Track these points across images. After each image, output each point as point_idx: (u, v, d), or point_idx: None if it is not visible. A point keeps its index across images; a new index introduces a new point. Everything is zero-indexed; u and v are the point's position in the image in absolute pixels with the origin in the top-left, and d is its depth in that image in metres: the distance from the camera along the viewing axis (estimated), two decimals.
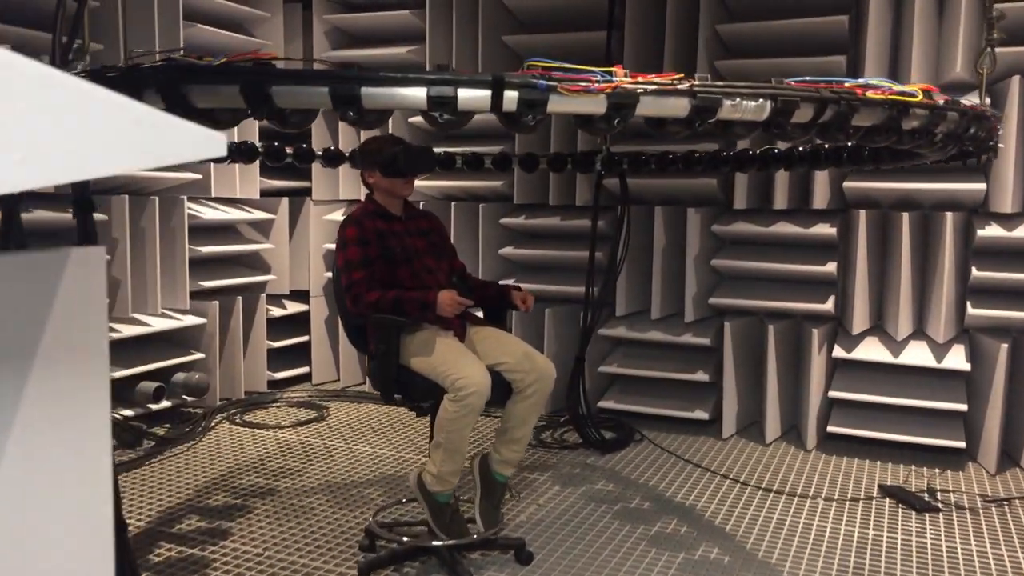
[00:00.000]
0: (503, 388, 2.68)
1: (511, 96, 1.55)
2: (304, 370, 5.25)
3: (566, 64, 1.57)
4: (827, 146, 2.97)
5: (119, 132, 0.71)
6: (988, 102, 3.17)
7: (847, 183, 3.93)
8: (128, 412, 4.05)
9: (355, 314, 2.76)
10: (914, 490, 3.49)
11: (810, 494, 3.47)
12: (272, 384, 5.03)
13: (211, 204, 4.69)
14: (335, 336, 5.19)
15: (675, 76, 1.57)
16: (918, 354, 3.85)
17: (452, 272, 3.02)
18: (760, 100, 1.54)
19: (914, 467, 3.80)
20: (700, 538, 3.02)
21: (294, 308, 5.23)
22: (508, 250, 4.67)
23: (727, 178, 4.26)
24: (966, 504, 3.39)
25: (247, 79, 1.60)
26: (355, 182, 5.04)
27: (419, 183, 4.34)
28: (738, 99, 1.52)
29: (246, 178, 4.82)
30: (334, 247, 3.01)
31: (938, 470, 3.76)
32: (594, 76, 1.51)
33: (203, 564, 2.74)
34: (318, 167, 4.92)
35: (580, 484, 3.56)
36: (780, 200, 4.10)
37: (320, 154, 4.06)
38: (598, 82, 1.47)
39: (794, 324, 4.25)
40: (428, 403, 2.71)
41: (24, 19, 3.52)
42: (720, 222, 4.24)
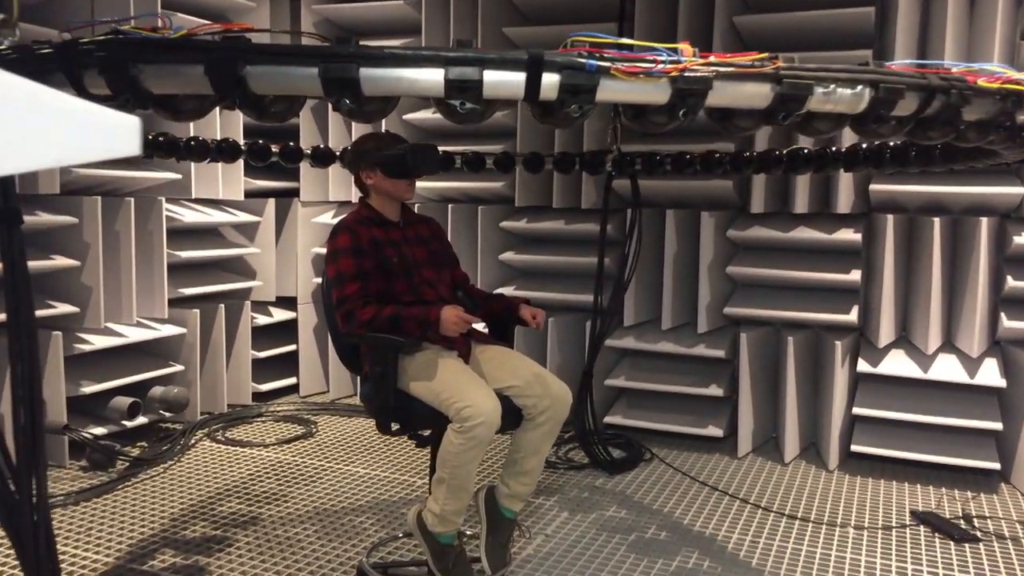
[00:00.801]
0: (513, 414, 2.41)
1: (551, 81, 1.22)
2: (291, 381, 4.97)
3: (621, 39, 1.26)
4: (864, 145, 2.69)
5: None
6: None
7: (873, 185, 3.68)
8: (100, 430, 3.75)
9: (347, 333, 2.47)
10: (948, 516, 3.25)
11: (838, 521, 3.22)
12: (257, 396, 4.75)
13: (191, 206, 4.40)
14: (324, 345, 4.91)
15: (755, 55, 1.26)
16: (948, 368, 3.62)
17: (454, 284, 2.74)
18: (859, 87, 1.25)
19: (944, 490, 3.56)
20: (724, 574, 2.76)
21: (281, 316, 4.94)
22: (509, 255, 4.41)
23: (743, 180, 4.00)
24: (1006, 532, 3.14)
25: (214, 57, 1.26)
26: (346, 183, 4.75)
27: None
28: (832, 86, 1.23)
29: (229, 178, 4.53)
30: (324, 255, 2.72)
31: (970, 493, 3.52)
32: (659, 55, 1.20)
33: None
34: (307, 166, 4.61)
35: (590, 510, 3.30)
36: (800, 203, 3.85)
37: (308, 153, 3.77)
38: (664, 63, 1.19)
39: (814, 335, 4.01)
40: (429, 432, 2.43)
41: None
42: (736, 226, 3.99)
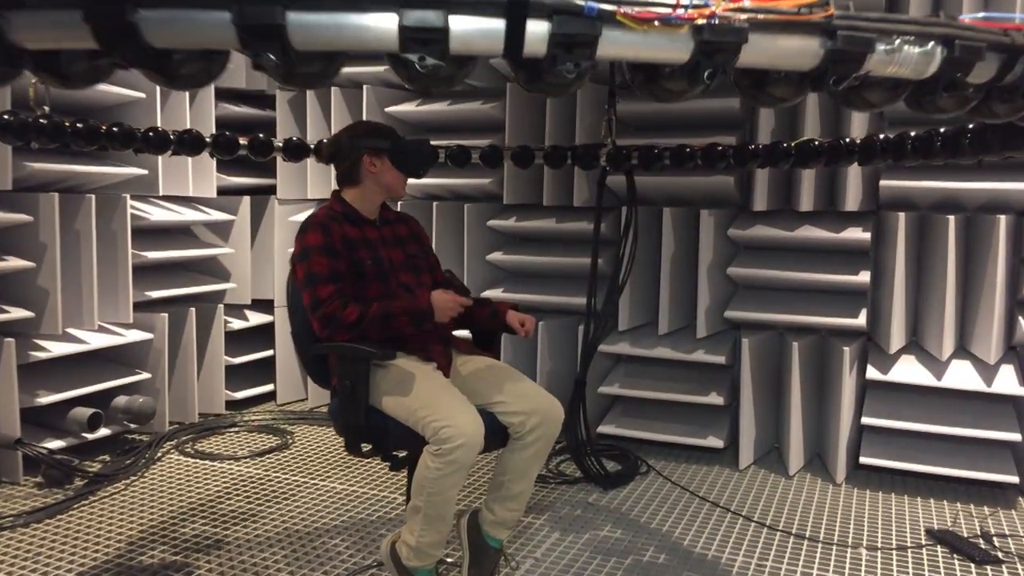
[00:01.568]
0: (498, 433, 2.17)
1: (538, 30, 0.96)
2: (268, 388, 4.71)
3: None
4: (882, 136, 2.46)
5: None
6: None
7: (883, 181, 3.47)
8: (58, 443, 3.50)
9: (327, 340, 2.22)
10: (966, 534, 3.04)
11: (849, 541, 3.00)
12: (231, 405, 4.50)
13: (159, 203, 4.14)
14: None
15: (800, 1, 1.00)
16: (962, 376, 3.41)
17: (435, 287, 2.50)
18: (930, 44, 0.99)
19: (960, 505, 3.34)
20: None
21: (257, 319, 4.69)
22: (496, 255, 4.17)
23: (745, 176, 3.78)
24: None
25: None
26: (326, 179, 4.50)
27: None
28: (897, 41, 0.98)
29: (201, 174, 4.28)
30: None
31: (987, 509, 3.30)
32: None
33: None
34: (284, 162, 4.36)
35: (583, 530, 3.07)
36: (805, 200, 3.63)
37: (280, 145, 3.52)
38: (686, 7, 0.93)
39: (820, 340, 3.79)
40: (405, 454, 2.19)
41: None
42: (737, 225, 3.76)
